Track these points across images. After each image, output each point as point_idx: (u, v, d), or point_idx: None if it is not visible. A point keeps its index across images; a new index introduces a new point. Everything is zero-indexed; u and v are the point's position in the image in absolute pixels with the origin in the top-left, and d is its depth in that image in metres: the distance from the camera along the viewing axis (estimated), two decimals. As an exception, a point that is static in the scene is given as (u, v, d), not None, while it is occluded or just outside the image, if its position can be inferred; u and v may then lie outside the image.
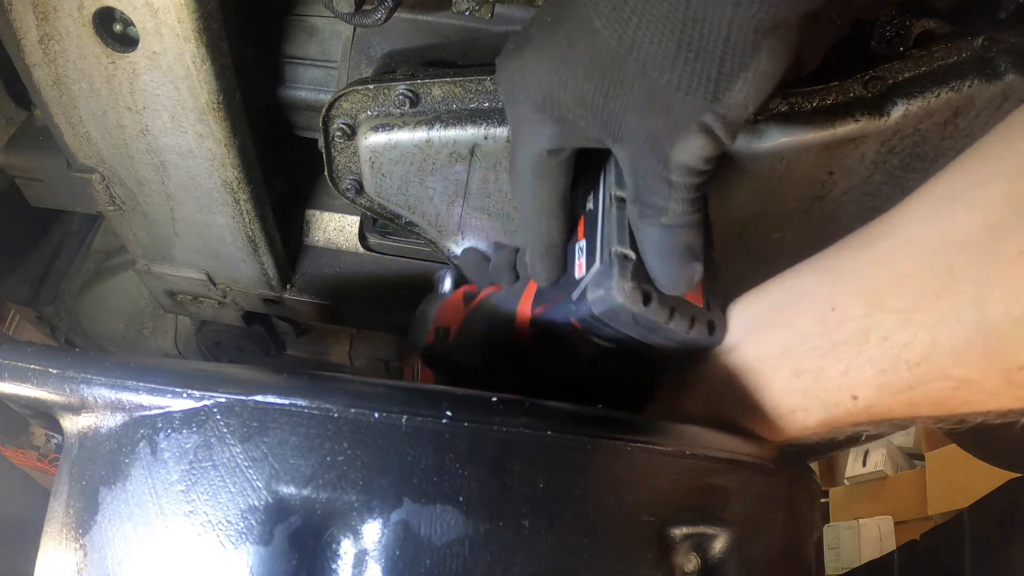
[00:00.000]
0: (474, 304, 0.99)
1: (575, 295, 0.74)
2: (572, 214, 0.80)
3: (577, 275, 0.76)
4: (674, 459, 0.53)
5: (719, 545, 0.55)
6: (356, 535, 0.48)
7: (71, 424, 0.59)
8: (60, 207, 1.28)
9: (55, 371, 0.57)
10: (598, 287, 0.69)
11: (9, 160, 1.25)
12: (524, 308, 0.86)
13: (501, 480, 0.47)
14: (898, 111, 0.95)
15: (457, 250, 1.16)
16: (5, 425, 2.03)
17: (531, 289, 0.87)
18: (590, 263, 0.74)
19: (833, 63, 0.95)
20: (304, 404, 0.49)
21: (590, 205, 0.79)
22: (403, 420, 0.48)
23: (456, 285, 1.13)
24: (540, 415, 0.50)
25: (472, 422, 0.48)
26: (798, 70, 0.82)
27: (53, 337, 1.84)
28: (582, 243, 0.77)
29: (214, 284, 1.36)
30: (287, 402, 0.49)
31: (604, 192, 0.78)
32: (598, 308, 0.69)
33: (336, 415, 0.48)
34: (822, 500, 3.27)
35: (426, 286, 1.38)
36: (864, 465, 3.16)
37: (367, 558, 0.47)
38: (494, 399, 0.49)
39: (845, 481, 3.30)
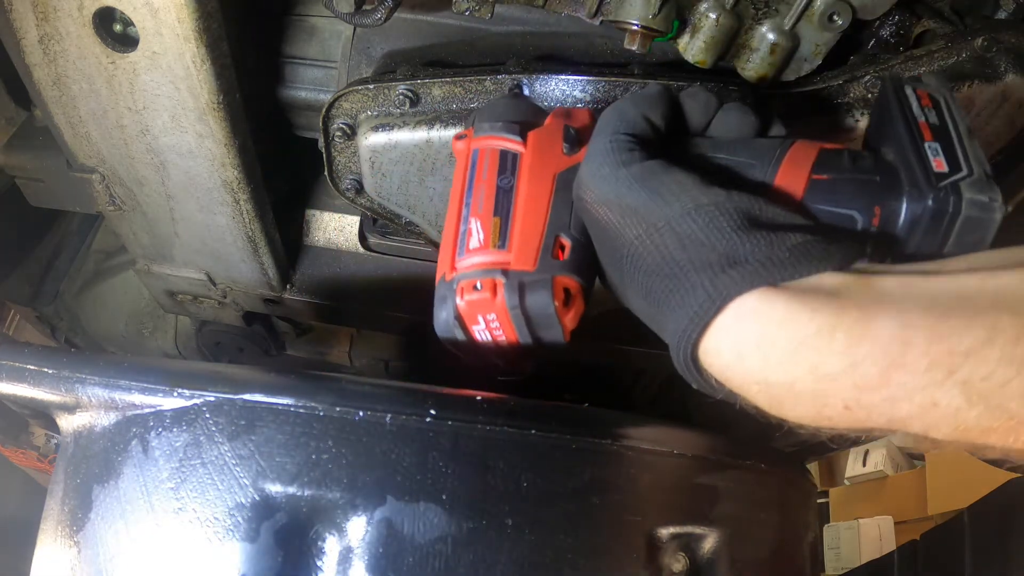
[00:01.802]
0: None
1: (928, 185, 0.65)
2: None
3: (935, 168, 0.67)
4: (661, 458, 0.53)
5: (708, 545, 0.55)
6: (340, 532, 0.48)
7: (67, 423, 0.59)
8: (60, 207, 1.28)
9: (51, 371, 0.57)
10: (979, 192, 0.63)
11: (9, 160, 1.25)
12: (796, 171, 0.69)
13: (484, 479, 0.47)
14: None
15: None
16: (5, 425, 2.04)
17: (805, 153, 0.71)
18: (953, 167, 0.67)
19: (833, 63, 0.95)
20: (290, 403, 0.49)
21: (933, 119, 0.71)
22: (387, 419, 0.48)
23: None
24: (524, 414, 0.50)
25: (456, 421, 0.48)
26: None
27: (53, 337, 1.84)
28: (933, 144, 0.69)
29: (214, 284, 1.37)
30: (274, 401, 0.49)
31: (953, 116, 0.72)
32: (974, 210, 0.63)
33: (322, 413, 0.49)
34: (822, 500, 3.27)
35: (426, 286, 1.38)
36: (864, 465, 3.16)
37: (351, 555, 0.47)
38: (478, 398, 0.49)
39: (845, 481, 3.30)
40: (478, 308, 0.66)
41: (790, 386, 0.53)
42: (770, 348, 0.52)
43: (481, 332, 0.67)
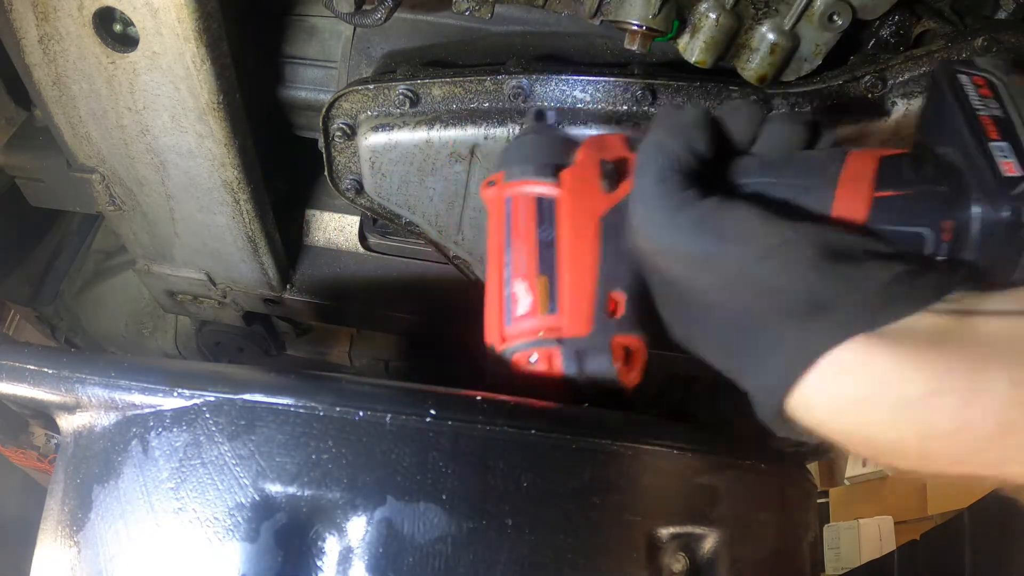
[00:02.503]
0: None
1: (1002, 193, 0.58)
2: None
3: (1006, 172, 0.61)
4: (661, 458, 0.53)
5: (708, 545, 0.55)
6: (340, 532, 0.48)
7: (67, 423, 0.59)
8: (60, 207, 1.29)
9: (51, 371, 0.57)
10: None
11: (9, 160, 1.25)
12: (856, 188, 0.63)
13: (484, 479, 0.48)
14: (898, 111, 0.95)
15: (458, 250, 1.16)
16: (5, 425, 2.04)
17: (864, 167, 0.64)
18: None
19: (833, 63, 0.95)
20: (290, 403, 0.49)
21: (996, 111, 0.64)
22: (387, 419, 0.48)
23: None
24: (524, 414, 0.50)
25: (456, 421, 0.48)
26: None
27: (53, 337, 1.84)
28: (1001, 144, 0.62)
29: (214, 284, 1.37)
30: (274, 401, 0.49)
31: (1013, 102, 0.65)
32: None
33: (322, 413, 0.49)
34: (822, 500, 3.27)
35: (426, 286, 1.38)
36: (864, 465, 3.15)
37: (351, 555, 0.47)
38: (478, 398, 0.49)
39: (845, 481, 3.29)
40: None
41: (895, 444, 0.50)
42: (872, 407, 0.49)
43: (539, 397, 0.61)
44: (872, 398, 0.49)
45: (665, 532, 0.52)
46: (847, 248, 0.55)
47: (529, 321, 0.65)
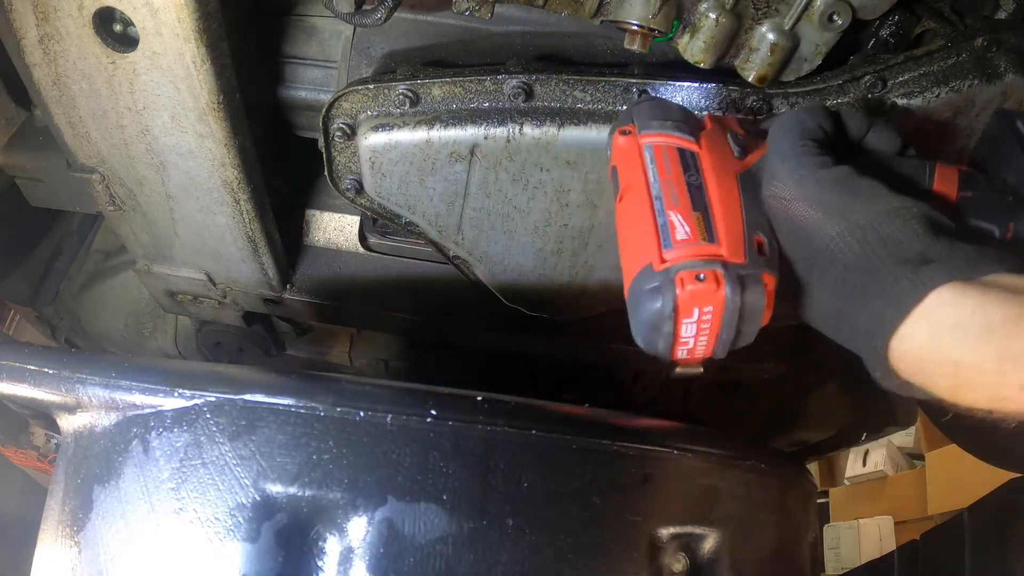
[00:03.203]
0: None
1: None
2: None
3: None
4: (661, 459, 0.53)
5: (708, 545, 0.55)
6: (341, 532, 0.48)
7: (67, 423, 0.59)
8: (60, 207, 1.28)
9: (51, 371, 0.57)
10: None
11: (9, 160, 1.25)
12: (946, 189, 0.78)
13: (485, 479, 0.47)
14: (898, 111, 0.95)
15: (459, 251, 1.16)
16: (5, 425, 2.04)
17: (950, 172, 0.79)
18: None
19: (833, 63, 0.95)
20: (291, 403, 0.49)
21: None
22: (388, 419, 0.48)
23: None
24: (525, 415, 0.50)
25: (457, 421, 0.48)
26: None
27: (53, 337, 1.84)
28: None
29: (214, 284, 1.37)
30: (275, 401, 0.49)
31: None
32: None
33: (322, 414, 0.48)
34: (822, 500, 3.27)
35: (426, 286, 1.38)
36: (864, 465, 3.16)
37: (352, 555, 0.47)
38: (479, 398, 0.49)
39: (845, 481, 3.30)
40: (698, 299, 0.67)
41: (977, 366, 0.59)
42: (964, 332, 0.60)
43: (690, 325, 0.68)
44: (964, 325, 0.60)
45: (665, 532, 0.52)
46: (946, 224, 0.68)
47: (690, 246, 0.71)
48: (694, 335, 0.68)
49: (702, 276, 0.67)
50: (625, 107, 0.96)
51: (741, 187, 0.77)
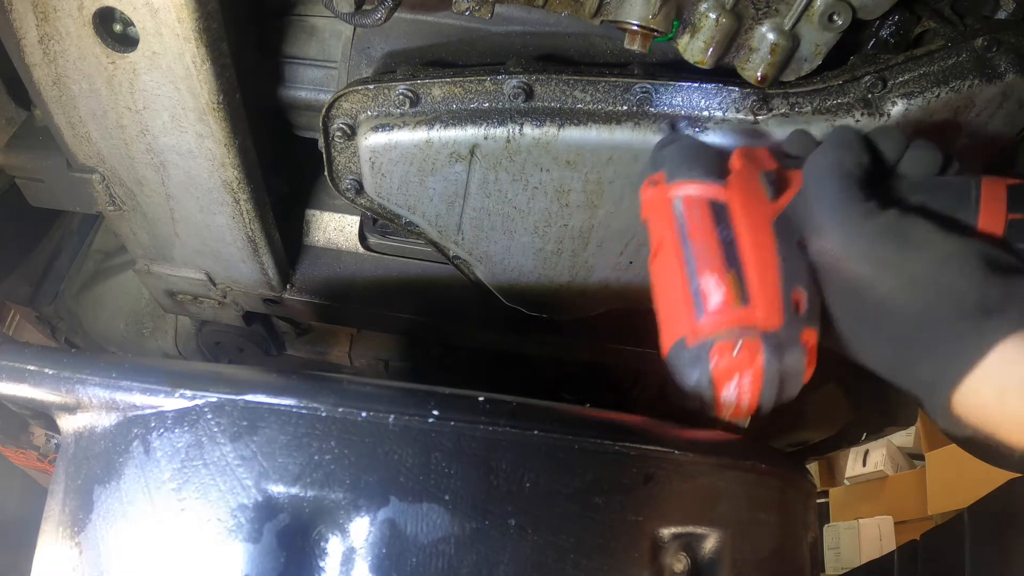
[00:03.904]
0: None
1: None
2: None
3: None
4: (662, 459, 0.53)
5: (709, 545, 0.55)
6: (343, 533, 0.48)
7: (67, 423, 0.59)
8: (60, 207, 1.28)
9: (51, 371, 0.57)
10: None
11: (9, 160, 1.25)
12: (991, 211, 0.74)
13: (487, 479, 0.47)
14: (898, 111, 0.95)
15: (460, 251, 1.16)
16: (5, 425, 2.04)
17: (996, 191, 0.75)
18: None
19: (833, 63, 0.95)
20: (292, 403, 0.49)
21: None
22: (390, 419, 0.48)
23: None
24: (526, 415, 0.50)
25: (458, 421, 0.48)
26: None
27: (53, 337, 1.84)
28: None
29: (214, 284, 1.37)
30: (276, 402, 0.49)
31: None
32: None
33: (324, 414, 0.48)
34: (822, 500, 3.27)
35: (426, 286, 1.38)
36: (864, 465, 3.16)
37: (354, 556, 0.47)
38: (480, 399, 0.49)
39: (845, 481, 3.30)
40: (735, 370, 0.66)
41: None
42: None
43: (730, 391, 0.66)
44: None
45: (667, 532, 0.52)
46: (1002, 261, 0.66)
47: (724, 314, 0.69)
48: (734, 399, 0.66)
49: (738, 346, 0.66)
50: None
51: (777, 234, 0.74)
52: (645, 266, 1.02)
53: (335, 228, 1.40)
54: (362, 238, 1.39)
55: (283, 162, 1.29)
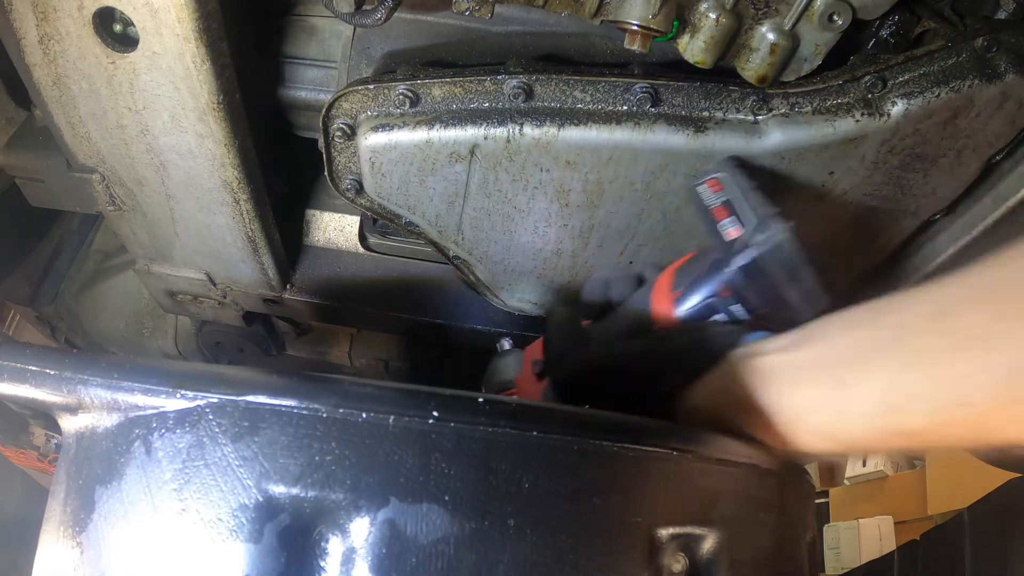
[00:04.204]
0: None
1: (732, 253, 0.84)
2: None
3: (729, 238, 0.90)
4: (661, 460, 0.53)
5: (707, 545, 0.55)
6: (344, 533, 0.48)
7: (69, 424, 0.59)
8: (60, 207, 1.28)
9: (53, 372, 0.57)
10: (761, 232, 0.83)
11: (9, 160, 1.25)
12: (661, 298, 0.92)
13: (487, 480, 0.48)
14: (898, 111, 0.95)
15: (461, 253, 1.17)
16: (5, 425, 2.04)
17: (663, 281, 0.93)
18: (745, 226, 0.87)
19: (833, 63, 0.95)
20: (293, 404, 0.49)
21: (724, 197, 0.93)
22: (390, 420, 0.48)
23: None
24: (526, 416, 0.50)
25: (458, 422, 0.48)
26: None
27: (53, 337, 1.84)
28: (727, 220, 0.91)
29: (214, 284, 1.37)
30: (277, 402, 0.49)
31: (737, 185, 0.92)
32: (763, 247, 0.82)
33: (325, 415, 0.49)
34: (822, 500, 3.27)
35: (426, 286, 1.38)
36: (864, 465, 3.16)
37: (354, 556, 0.47)
38: (480, 400, 0.49)
39: (845, 481, 3.29)
40: None
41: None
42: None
43: None
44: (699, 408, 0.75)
45: (665, 532, 0.53)
46: (668, 338, 0.85)
47: None
48: None
49: None
50: (625, 107, 0.99)
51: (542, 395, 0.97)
52: (645, 266, 1.02)
53: (335, 228, 1.40)
54: (362, 238, 1.39)
55: (283, 162, 1.29)
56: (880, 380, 0.61)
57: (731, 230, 0.89)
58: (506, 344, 1.33)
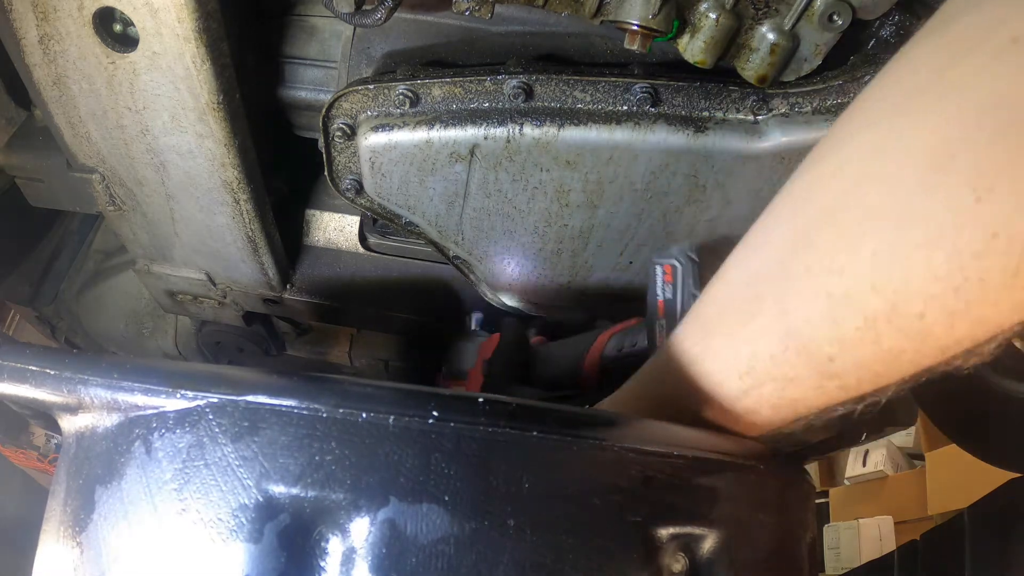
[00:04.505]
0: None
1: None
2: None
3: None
4: (661, 459, 0.53)
5: (707, 545, 0.55)
6: (344, 533, 0.48)
7: (69, 424, 0.59)
8: (60, 207, 1.28)
9: (53, 372, 0.57)
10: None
11: (9, 160, 1.25)
12: (594, 355, 1.09)
13: (486, 480, 0.48)
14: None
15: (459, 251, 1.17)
16: (5, 425, 2.04)
17: (602, 339, 1.10)
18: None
19: (833, 63, 0.95)
20: (293, 404, 0.49)
21: (668, 293, 0.98)
22: (390, 420, 0.48)
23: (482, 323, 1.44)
24: (526, 416, 0.50)
25: (458, 422, 0.48)
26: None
27: (53, 337, 1.84)
28: (662, 319, 0.98)
29: (214, 284, 1.37)
30: (277, 402, 0.49)
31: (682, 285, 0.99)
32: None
33: (325, 415, 0.49)
34: (822, 500, 3.27)
35: (426, 286, 1.38)
36: (864, 465, 3.16)
37: (354, 556, 0.47)
38: (480, 400, 0.49)
39: (845, 481, 3.29)
40: None
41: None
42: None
43: None
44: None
45: (665, 532, 0.53)
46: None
47: None
48: None
49: None
50: (625, 107, 1.00)
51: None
52: (645, 266, 1.03)
53: (335, 228, 1.40)
54: (362, 238, 1.39)
55: (283, 162, 1.29)
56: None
57: (663, 335, 0.97)
58: (475, 321, 1.43)
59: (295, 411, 0.49)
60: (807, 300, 0.53)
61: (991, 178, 0.43)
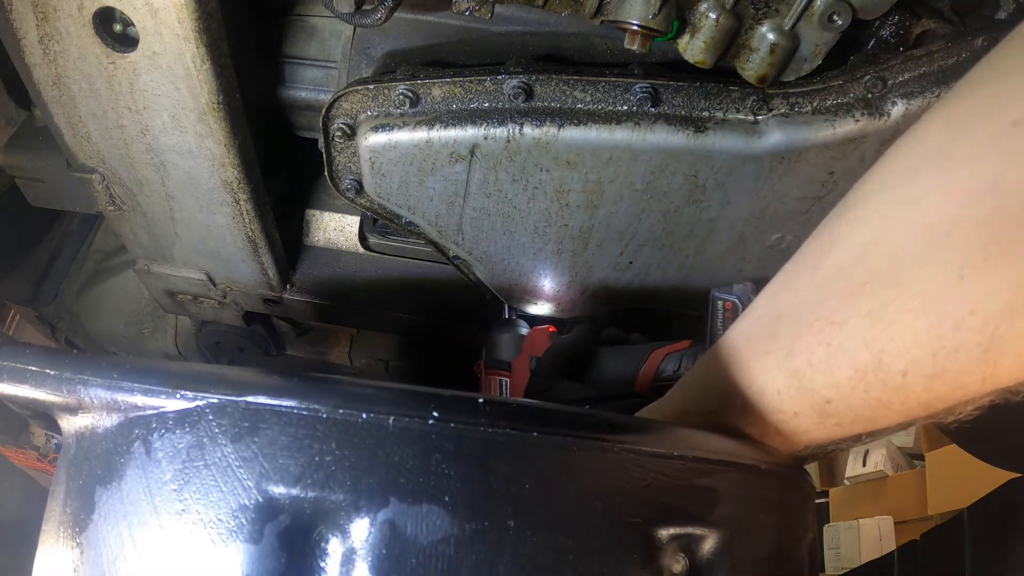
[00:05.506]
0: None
1: None
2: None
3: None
4: (661, 460, 0.53)
5: (708, 546, 0.55)
6: (344, 534, 0.48)
7: (69, 424, 0.59)
8: (60, 207, 1.28)
9: (53, 372, 0.57)
10: None
11: (9, 160, 1.25)
12: (650, 370, 1.10)
13: (487, 480, 0.48)
14: (898, 111, 0.95)
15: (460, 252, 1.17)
16: (5, 425, 2.04)
17: (655, 357, 1.11)
18: None
19: (833, 63, 0.95)
20: (293, 405, 0.49)
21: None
22: (390, 421, 0.48)
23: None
24: (526, 416, 0.50)
25: (458, 423, 0.48)
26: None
27: (53, 337, 1.84)
28: None
29: (214, 284, 1.37)
30: (277, 403, 0.49)
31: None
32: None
33: (325, 416, 0.48)
34: (822, 500, 3.27)
35: (426, 286, 1.38)
36: (864, 465, 3.15)
37: (354, 557, 0.47)
38: (480, 400, 0.49)
39: (845, 481, 3.29)
40: None
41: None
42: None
43: None
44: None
45: (665, 533, 0.53)
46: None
47: None
48: None
49: None
50: (625, 107, 1.01)
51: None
52: (645, 266, 1.03)
53: (335, 228, 1.40)
54: (362, 238, 1.39)
55: (283, 162, 1.29)
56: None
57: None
58: (506, 311, 1.40)
59: (295, 412, 0.49)
60: (811, 346, 0.58)
61: (976, 259, 0.48)
